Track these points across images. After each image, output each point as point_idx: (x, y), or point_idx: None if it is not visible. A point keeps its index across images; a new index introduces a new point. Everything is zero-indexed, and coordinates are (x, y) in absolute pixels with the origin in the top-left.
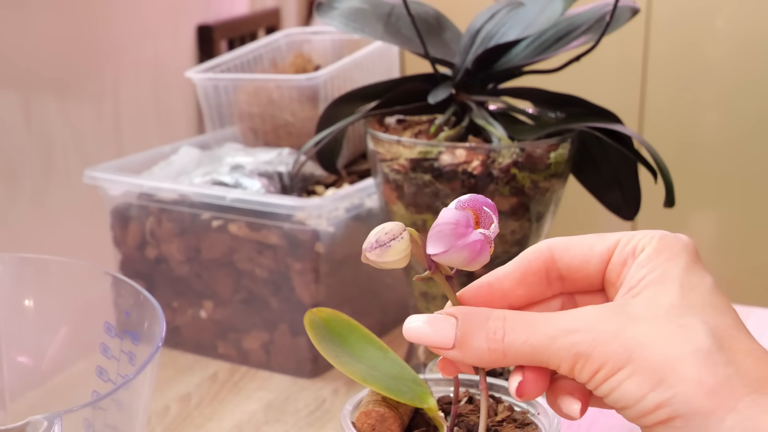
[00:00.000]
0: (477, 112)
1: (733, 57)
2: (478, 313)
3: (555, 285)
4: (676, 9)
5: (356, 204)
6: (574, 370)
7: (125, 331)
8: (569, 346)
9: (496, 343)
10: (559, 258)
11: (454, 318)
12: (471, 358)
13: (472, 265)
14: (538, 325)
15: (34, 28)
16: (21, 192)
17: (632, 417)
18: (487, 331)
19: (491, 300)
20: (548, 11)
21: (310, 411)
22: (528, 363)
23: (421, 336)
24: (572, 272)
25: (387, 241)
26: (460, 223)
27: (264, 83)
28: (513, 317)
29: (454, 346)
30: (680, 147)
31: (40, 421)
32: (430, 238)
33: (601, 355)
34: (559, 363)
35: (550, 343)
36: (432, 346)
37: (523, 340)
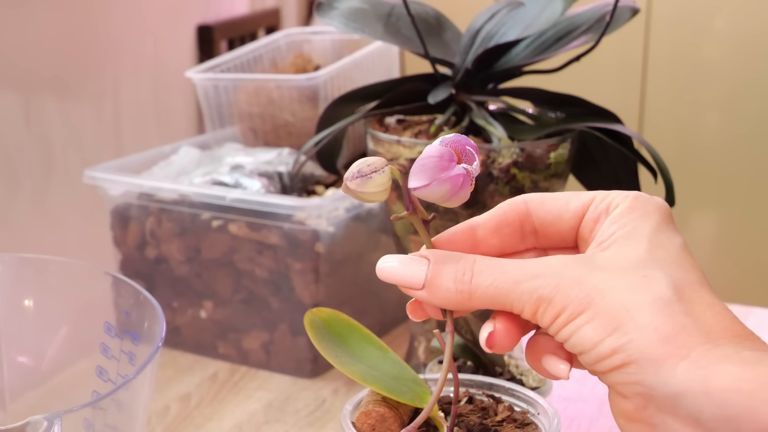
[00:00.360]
0: (477, 112)
1: (733, 57)
2: (449, 256)
3: (528, 239)
4: (676, 9)
5: (356, 204)
6: (536, 314)
7: (125, 331)
8: (533, 290)
9: (463, 285)
10: (534, 211)
11: (426, 259)
12: (438, 299)
13: (452, 201)
14: (506, 269)
15: (34, 28)
16: (21, 192)
17: (588, 363)
18: (456, 272)
19: (464, 247)
20: (548, 11)
21: (310, 411)
22: (492, 306)
23: (393, 275)
24: (546, 226)
25: (369, 172)
26: (443, 156)
27: (264, 83)
28: (482, 261)
29: (423, 286)
30: (680, 147)
31: (40, 421)
32: (412, 172)
33: (562, 299)
34: (522, 306)
35: (515, 286)
36: (402, 286)
37: (489, 282)
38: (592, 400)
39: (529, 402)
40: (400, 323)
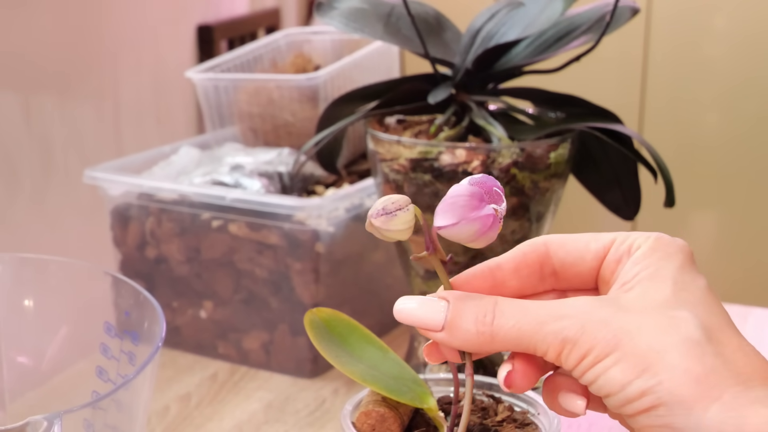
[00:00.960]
0: (477, 112)
1: (733, 57)
2: (469, 296)
3: (548, 280)
4: (676, 9)
5: (356, 204)
6: (561, 356)
7: (125, 331)
8: (557, 331)
9: (485, 326)
10: (554, 253)
11: (446, 301)
12: (458, 341)
13: (479, 241)
14: (529, 310)
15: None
16: (21, 192)
17: (616, 405)
18: (476, 313)
19: (483, 288)
20: (548, 11)
21: (310, 411)
22: (515, 348)
23: (411, 316)
24: (566, 268)
25: (393, 210)
26: (474, 195)
27: (264, 83)
28: (503, 302)
29: (443, 328)
30: (680, 147)
31: (40, 421)
32: (439, 211)
33: (588, 340)
34: (547, 348)
35: (538, 327)
36: (421, 328)
37: (511, 324)
38: None
39: (529, 402)
40: (400, 323)
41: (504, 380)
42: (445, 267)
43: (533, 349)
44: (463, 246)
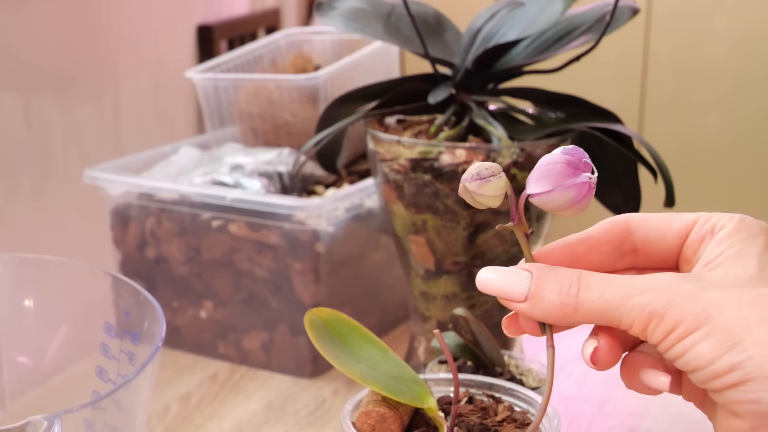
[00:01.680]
0: (477, 112)
1: (733, 57)
2: (552, 268)
3: (627, 258)
4: (676, 9)
5: (356, 204)
6: (646, 330)
7: (125, 331)
8: (644, 305)
9: (569, 298)
10: (636, 230)
11: (529, 272)
12: (541, 312)
13: (572, 210)
14: (614, 284)
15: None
16: (21, 192)
17: (702, 380)
18: (561, 285)
19: (563, 263)
20: (548, 11)
21: (310, 411)
22: (598, 321)
23: (494, 287)
24: (647, 245)
25: (487, 176)
26: (570, 163)
27: (264, 83)
28: (588, 275)
29: (525, 299)
30: (680, 147)
31: (40, 421)
32: (532, 178)
33: (676, 315)
34: (632, 321)
35: (624, 300)
36: (503, 298)
37: (597, 296)
38: (592, 400)
39: (529, 402)
40: (400, 323)
41: (590, 357)
42: (527, 239)
43: (617, 322)
44: (463, 246)
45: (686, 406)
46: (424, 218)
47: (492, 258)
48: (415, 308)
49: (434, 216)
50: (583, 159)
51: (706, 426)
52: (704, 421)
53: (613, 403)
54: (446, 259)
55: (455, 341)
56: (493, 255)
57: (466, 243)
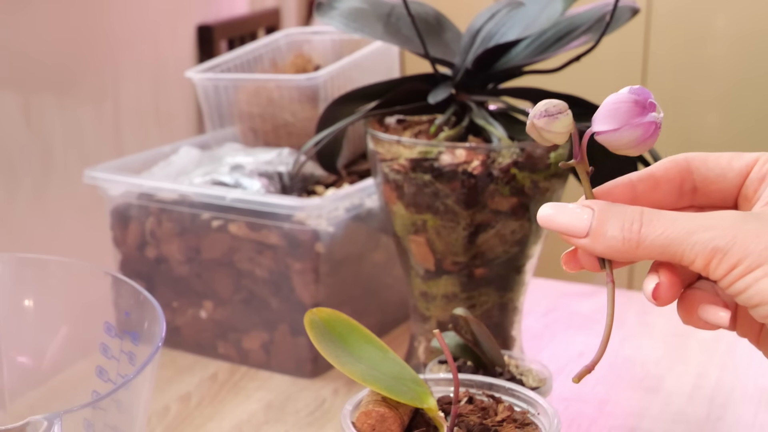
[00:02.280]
0: (477, 112)
1: (734, 56)
2: (614, 205)
3: (687, 196)
4: (676, 8)
5: (356, 204)
6: (709, 266)
7: (125, 331)
8: (707, 241)
9: (631, 234)
10: (696, 169)
11: (590, 209)
12: (602, 248)
13: (636, 149)
14: (676, 220)
15: (34, 28)
16: (21, 192)
17: (764, 315)
18: (623, 221)
19: (624, 200)
20: (548, 11)
21: (310, 411)
22: (659, 257)
23: (556, 222)
24: (707, 184)
25: (555, 113)
26: (638, 102)
27: (264, 83)
28: (650, 211)
29: (587, 234)
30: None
31: (40, 421)
32: (599, 116)
33: (740, 251)
34: (695, 257)
35: (687, 237)
36: (565, 234)
37: (659, 232)
38: (592, 400)
39: (529, 402)
40: (400, 323)
41: (651, 293)
42: (588, 177)
43: (679, 258)
44: (463, 246)
45: (686, 406)
46: (424, 218)
47: (492, 258)
48: (415, 308)
49: (434, 216)
50: (649, 99)
51: (706, 426)
52: (704, 421)
53: (613, 403)
54: (446, 259)
55: (455, 341)
56: (493, 255)
57: (466, 243)
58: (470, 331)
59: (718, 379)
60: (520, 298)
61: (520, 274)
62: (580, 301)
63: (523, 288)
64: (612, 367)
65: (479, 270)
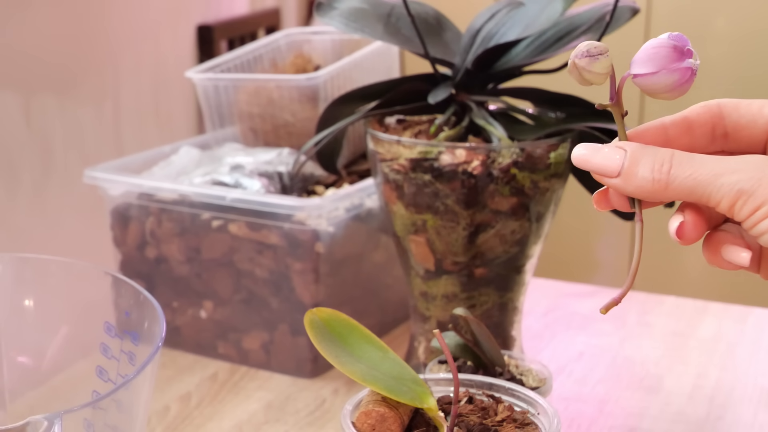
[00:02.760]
0: (477, 112)
1: (733, 57)
2: (646, 147)
3: (718, 142)
4: (676, 8)
5: (356, 204)
6: (734, 207)
7: (125, 331)
8: (733, 183)
9: (661, 174)
10: (728, 115)
11: (623, 150)
12: (632, 188)
13: (673, 93)
14: (705, 162)
15: (34, 28)
16: (21, 192)
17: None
18: (654, 162)
19: (656, 143)
20: (548, 11)
21: (310, 411)
22: (687, 198)
23: (589, 162)
24: (739, 130)
25: (596, 53)
26: (676, 48)
27: (264, 83)
28: (680, 153)
29: (619, 174)
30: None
31: (40, 421)
32: (638, 60)
33: (764, 193)
34: (721, 198)
35: (714, 178)
36: (597, 173)
37: (688, 173)
38: (592, 400)
39: (529, 402)
40: (400, 323)
41: (675, 231)
42: (623, 119)
43: (706, 199)
44: (463, 246)
45: (686, 406)
46: (424, 218)
47: (492, 258)
48: (415, 308)
49: (434, 216)
50: (687, 46)
51: (706, 426)
52: (704, 421)
53: (613, 403)
54: (446, 259)
55: (455, 341)
56: (493, 255)
57: (466, 243)
58: (470, 331)
59: (718, 379)
60: (520, 298)
61: (520, 274)
62: (580, 301)
63: (523, 288)
64: (612, 367)
65: (479, 270)
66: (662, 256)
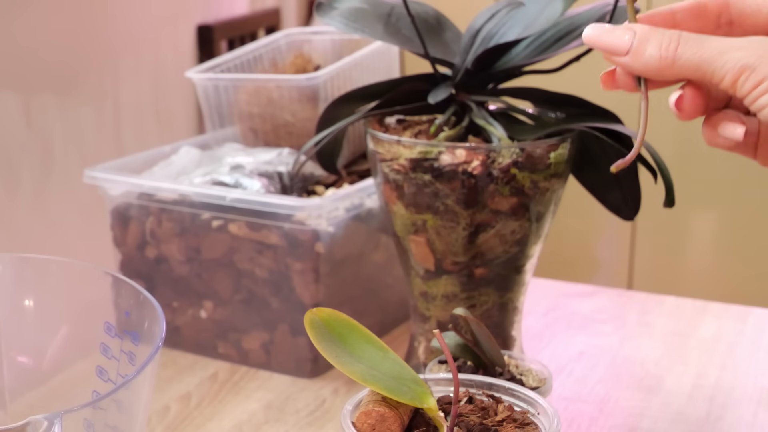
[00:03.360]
0: (477, 112)
1: None
2: (654, 28)
3: (723, 29)
4: None
5: (356, 204)
6: (737, 82)
7: (125, 331)
8: (737, 59)
9: (668, 52)
10: (734, 3)
11: (632, 30)
12: (640, 65)
13: None
14: (710, 41)
15: (34, 28)
16: (21, 192)
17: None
18: (661, 41)
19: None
20: (548, 11)
21: (310, 411)
22: (692, 75)
23: (600, 40)
24: (743, 18)
25: None
26: None
27: (264, 83)
28: (687, 34)
29: (627, 52)
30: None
31: (40, 421)
32: None
33: (766, 68)
34: (724, 74)
35: (718, 56)
36: (607, 51)
37: (693, 51)
38: (592, 400)
39: (529, 402)
40: (400, 323)
41: (675, 102)
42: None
43: (710, 76)
44: (463, 246)
45: (686, 406)
46: (424, 218)
47: (492, 258)
48: (415, 308)
49: (434, 216)
50: None
51: (706, 426)
52: (704, 420)
53: (613, 403)
54: (446, 259)
55: (455, 341)
56: (493, 255)
57: (466, 243)
58: (470, 331)
59: (717, 378)
60: (520, 298)
61: (520, 274)
62: (580, 301)
63: (523, 288)
64: (612, 367)
65: (479, 270)
66: (662, 256)
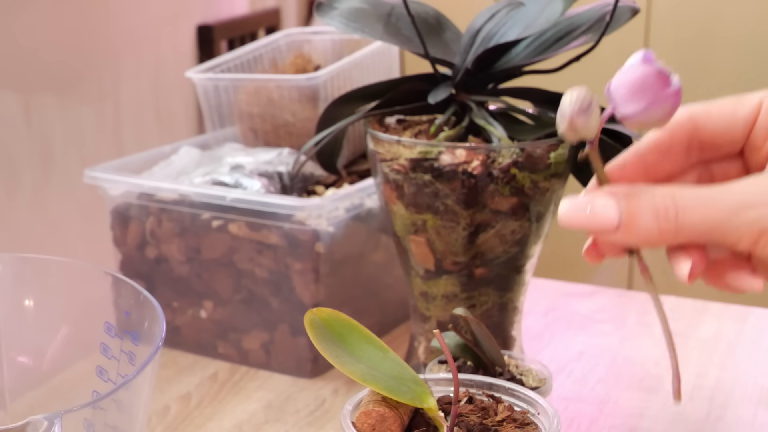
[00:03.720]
0: (477, 112)
1: (733, 56)
2: (638, 190)
3: (694, 154)
4: (676, 8)
5: (356, 204)
6: (757, 246)
7: (125, 331)
8: (752, 222)
9: (668, 222)
10: (702, 125)
11: (612, 198)
12: (637, 239)
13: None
14: (714, 200)
15: (34, 28)
16: (21, 192)
17: None
18: (655, 209)
19: (637, 176)
20: (548, 11)
21: (310, 411)
22: (699, 240)
23: (581, 220)
24: (715, 138)
25: (587, 107)
26: (661, 73)
27: (264, 83)
28: (681, 193)
29: (617, 227)
30: None
31: (40, 421)
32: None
33: None
34: (740, 239)
35: (728, 218)
36: (593, 232)
37: (698, 217)
38: (592, 400)
39: (529, 402)
40: (400, 323)
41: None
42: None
43: (721, 240)
44: (463, 246)
45: (686, 406)
46: (424, 218)
47: (492, 258)
48: (415, 308)
49: (434, 216)
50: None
51: (706, 426)
52: (704, 421)
53: (613, 403)
54: (446, 259)
55: (455, 341)
56: (493, 255)
57: (466, 243)
58: (470, 331)
59: (718, 378)
60: (520, 298)
61: (520, 274)
62: (580, 301)
63: (523, 288)
64: (612, 367)
65: (479, 270)
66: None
